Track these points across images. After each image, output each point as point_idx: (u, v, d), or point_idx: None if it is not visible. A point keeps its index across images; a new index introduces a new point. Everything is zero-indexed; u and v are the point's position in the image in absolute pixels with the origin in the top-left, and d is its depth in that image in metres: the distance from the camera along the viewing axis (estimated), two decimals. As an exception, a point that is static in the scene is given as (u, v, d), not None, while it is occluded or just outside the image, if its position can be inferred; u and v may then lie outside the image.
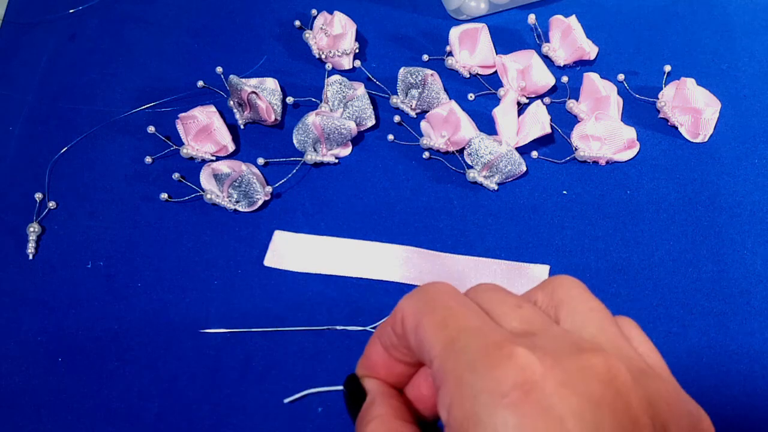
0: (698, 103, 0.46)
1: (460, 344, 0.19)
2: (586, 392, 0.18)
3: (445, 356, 0.19)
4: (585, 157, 0.45)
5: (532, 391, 0.17)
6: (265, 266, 0.42)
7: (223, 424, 0.38)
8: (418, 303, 0.22)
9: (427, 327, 0.20)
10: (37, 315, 0.41)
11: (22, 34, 0.51)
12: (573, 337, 0.20)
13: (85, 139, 0.47)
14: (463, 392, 0.18)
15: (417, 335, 0.21)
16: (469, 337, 0.19)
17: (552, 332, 0.20)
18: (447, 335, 0.20)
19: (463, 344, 0.19)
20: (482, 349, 0.19)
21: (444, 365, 0.19)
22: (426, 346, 0.20)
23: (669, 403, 0.19)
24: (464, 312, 0.21)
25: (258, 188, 0.43)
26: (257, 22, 0.52)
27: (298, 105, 0.48)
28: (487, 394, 0.18)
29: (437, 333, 0.20)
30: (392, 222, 0.44)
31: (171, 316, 0.41)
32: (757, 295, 0.42)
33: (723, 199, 0.45)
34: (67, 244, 0.43)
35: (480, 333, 0.19)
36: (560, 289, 0.23)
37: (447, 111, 0.45)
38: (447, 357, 0.19)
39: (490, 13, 0.52)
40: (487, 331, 0.20)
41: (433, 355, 0.20)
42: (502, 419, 0.17)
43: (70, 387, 0.39)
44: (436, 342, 0.20)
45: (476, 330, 0.20)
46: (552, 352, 0.19)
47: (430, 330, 0.20)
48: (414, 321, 0.21)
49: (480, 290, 0.23)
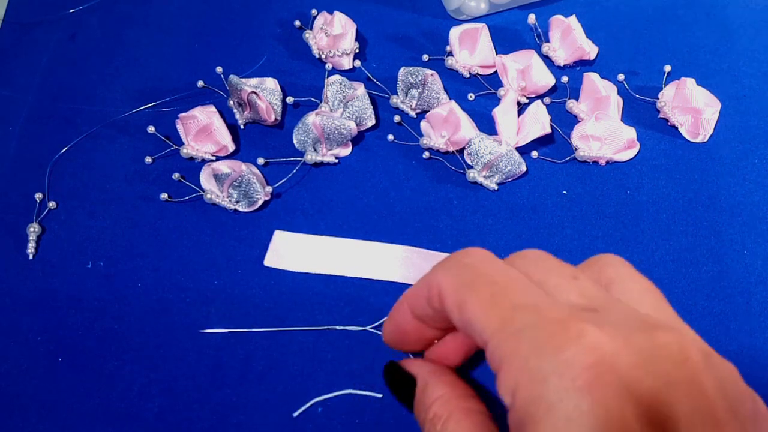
0: (698, 103, 0.46)
1: (518, 324, 0.18)
2: (661, 373, 0.16)
3: (502, 338, 0.18)
4: (585, 157, 0.45)
5: (605, 373, 0.16)
6: (265, 266, 0.42)
7: (223, 424, 0.38)
8: (459, 278, 0.20)
9: (475, 307, 0.19)
10: (37, 315, 0.41)
11: (22, 34, 0.51)
12: (639, 314, 0.19)
13: (85, 139, 0.47)
14: (530, 376, 0.17)
15: (462, 314, 0.19)
16: (526, 315, 0.18)
17: (615, 308, 0.19)
18: (500, 315, 0.18)
19: (522, 324, 0.18)
20: (545, 329, 0.17)
21: (502, 348, 0.18)
22: (476, 328, 0.19)
23: (735, 384, 0.18)
24: (514, 286, 0.19)
25: (258, 188, 0.43)
26: (257, 22, 0.52)
27: (298, 105, 0.48)
28: (557, 378, 0.16)
29: (488, 313, 0.18)
30: (392, 222, 0.44)
31: (171, 316, 0.41)
32: (757, 295, 0.42)
33: (723, 199, 0.45)
34: (67, 244, 0.43)
35: (538, 310, 0.18)
36: (609, 267, 0.21)
37: (447, 111, 0.45)
38: (505, 339, 0.18)
39: (490, 13, 0.52)
40: (545, 307, 0.18)
41: (486, 338, 0.18)
42: (575, 403, 0.16)
43: (70, 387, 0.39)
44: (488, 323, 0.18)
45: (533, 307, 0.18)
46: (621, 330, 0.17)
47: (478, 310, 0.19)
48: (456, 298, 0.19)
49: (527, 258, 0.21)
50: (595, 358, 0.16)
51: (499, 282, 0.19)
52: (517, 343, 0.17)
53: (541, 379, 0.17)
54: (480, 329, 0.18)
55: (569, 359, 0.16)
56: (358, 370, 0.40)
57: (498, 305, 0.18)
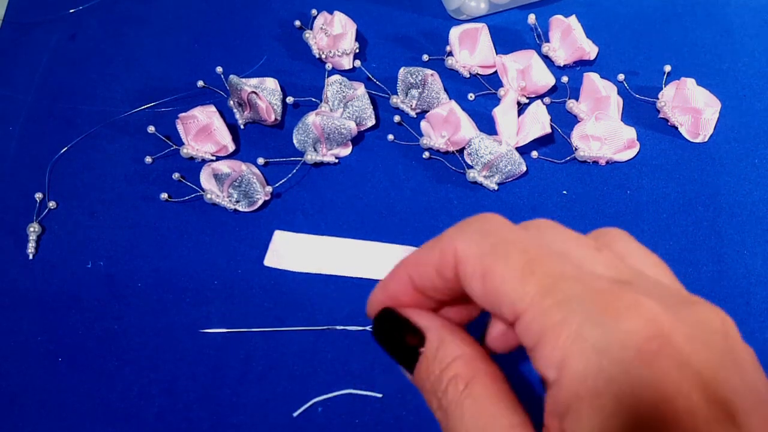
0: (698, 103, 0.46)
1: (564, 293, 0.17)
2: (713, 346, 0.16)
3: (545, 308, 0.16)
4: (585, 157, 0.45)
5: (666, 345, 0.16)
6: (265, 266, 0.42)
7: (223, 424, 0.38)
8: (482, 244, 0.18)
9: (507, 275, 0.17)
10: (37, 315, 0.41)
11: (22, 34, 0.51)
12: (671, 288, 0.18)
13: (85, 139, 0.47)
14: (584, 347, 0.16)
15: (488, 284, 0.18)
16: (571, 284, 0.17)
17: (646, 281, 0.18)
18: (540, 283, 0.17)
19: (568, 293, 0.17)
20: (598, 298, 0.16)
21: (545, 318, 0.16)
22: (506, 298, 0.17)
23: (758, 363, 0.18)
24: (548, 254, 0.18)
25: (258, 188, 0.43)
26: (257, 22, 0.52)
27: (298, 105, 0.48)
28: (618, 349, 0.15)
29: (524, 281, 0.17)
30: (392, 222, 0.44)
31: (171, 316, 0.41)
32: (757, 295, 0.42)
33: (723, 199, 0.45)
34: (67, 244, 0.43)
35: (580, 280, 0.17)
36: (618, 242, 0.20)
37: (447, 111, 0.45)
38: (548, 308, 0.16)
39: (490, 13, 0.52)
40: (586, 277, 0.17)
41: (522, 308, 0.17)
42: (638, 375, 0.15)
43: (70, 387, 0.39)
44: (525, 293, 0.17)
45: (574, 277, 0.17)
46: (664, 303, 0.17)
47: (512, 278, 0.17)
48: (480, 267, 0.18)
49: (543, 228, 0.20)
50: (655, 329, 0.16)
51: (530, 250, 0.18)
52: (566, 314, 0.16)
53: (600, 350, 0.15)
54: (513, 300, 0.17)
55: (629, 330, 0.16)
56: (358, 370, 0.40)
57: (535, 273, 0.17)
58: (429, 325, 0.20)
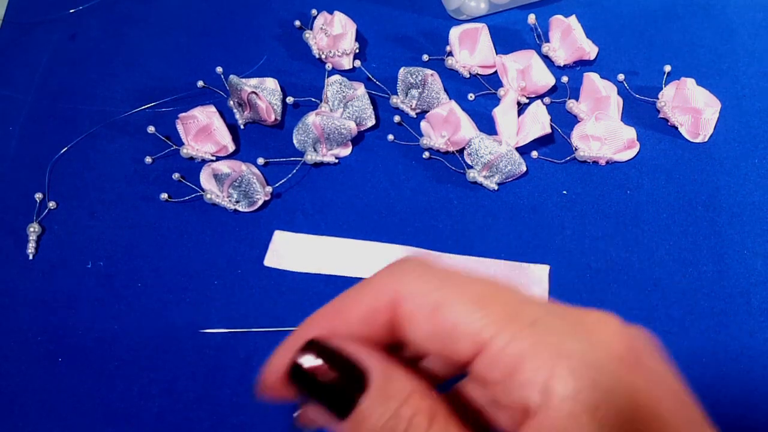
0: (698, 103, 0.46)
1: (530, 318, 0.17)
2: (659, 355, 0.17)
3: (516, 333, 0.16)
4: (585, 157, 0.45)
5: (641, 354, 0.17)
6: (265, 266, 0.42)
7: (223, 424, 0.38)
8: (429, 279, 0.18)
9: (462, 307, 0.17)
10: (37, 315, 0.41)
11: (22, 34, 0.51)
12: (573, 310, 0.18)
13: (85, 139, 0.47)
14: (570, 363, 0.16)
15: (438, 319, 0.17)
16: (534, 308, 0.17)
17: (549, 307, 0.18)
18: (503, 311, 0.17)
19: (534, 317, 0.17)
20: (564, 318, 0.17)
21: (518, 343, 0.16)
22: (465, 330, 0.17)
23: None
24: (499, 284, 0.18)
25: (258, 188, 0.43)
26: (257, 22, 0.52)
27: (298, 105, 0.48)
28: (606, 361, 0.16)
29: (485, 310, 0.17)
30: (392, 222, 0.44)
31: (171, 316, 0.41)
32: (757, 295, 0.42)
33: (723, 199, 0.45)
34: (67, 244, 0.43)
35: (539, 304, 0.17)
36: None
37: (447, 111, 0.45)
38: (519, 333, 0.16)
39: (490, 13, 0.52)
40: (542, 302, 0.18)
41: (488, 336, 0.16)
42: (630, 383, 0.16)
43: (70, 387, 0.39)
44: (489, 321, 0.17)
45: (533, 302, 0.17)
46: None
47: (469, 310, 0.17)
48: (429, 302, 0.17)
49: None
50: (628, 340, 0.17)
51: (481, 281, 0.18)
52: (540, 335, 0.16)
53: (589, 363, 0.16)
54: (473, 331, 0.17)
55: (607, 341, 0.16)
56: (358, 370, 0.40)
57: (496, 301, 0.17)
58: (371, 361, 0.17)
